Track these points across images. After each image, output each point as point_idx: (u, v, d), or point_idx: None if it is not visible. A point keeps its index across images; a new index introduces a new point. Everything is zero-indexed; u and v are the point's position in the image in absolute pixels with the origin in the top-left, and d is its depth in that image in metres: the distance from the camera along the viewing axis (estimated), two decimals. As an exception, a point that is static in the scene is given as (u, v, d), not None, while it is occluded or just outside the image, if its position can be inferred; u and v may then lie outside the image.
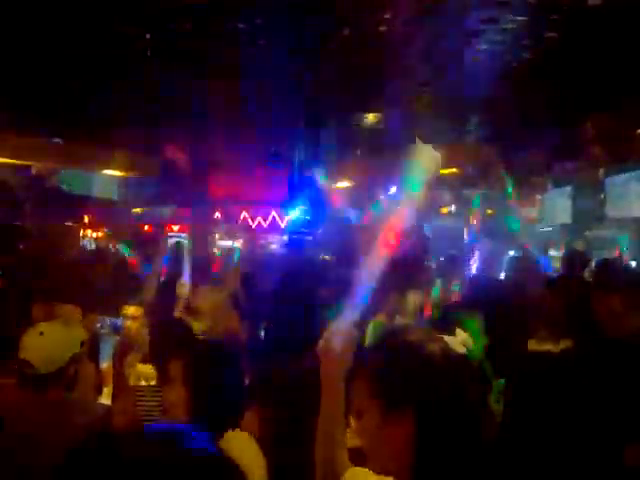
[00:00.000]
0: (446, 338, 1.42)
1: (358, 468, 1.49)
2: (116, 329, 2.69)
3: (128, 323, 3.92)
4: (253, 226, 15.08)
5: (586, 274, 5.05)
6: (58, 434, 2.13)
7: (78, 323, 2.85)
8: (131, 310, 3.97)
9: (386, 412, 1.29)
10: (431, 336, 1.37)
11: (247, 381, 2.20)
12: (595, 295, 2.47)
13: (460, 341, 1.56)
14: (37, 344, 2.36)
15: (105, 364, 3.48)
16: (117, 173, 9.01)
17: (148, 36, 5.67)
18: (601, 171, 8.28)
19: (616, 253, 7.29)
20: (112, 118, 7.76)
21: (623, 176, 7.93)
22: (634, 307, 2.35)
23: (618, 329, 2.34)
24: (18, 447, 2.15)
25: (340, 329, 1.50)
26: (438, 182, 8.65)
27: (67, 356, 2.38)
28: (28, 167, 9.41)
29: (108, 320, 2.70)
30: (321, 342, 1.48)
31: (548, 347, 2.29)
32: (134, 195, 11.17)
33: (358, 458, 1.49)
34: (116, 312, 4.05)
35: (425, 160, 1.56)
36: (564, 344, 2.32)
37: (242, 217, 14.96)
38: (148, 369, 3.74)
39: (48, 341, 2.37)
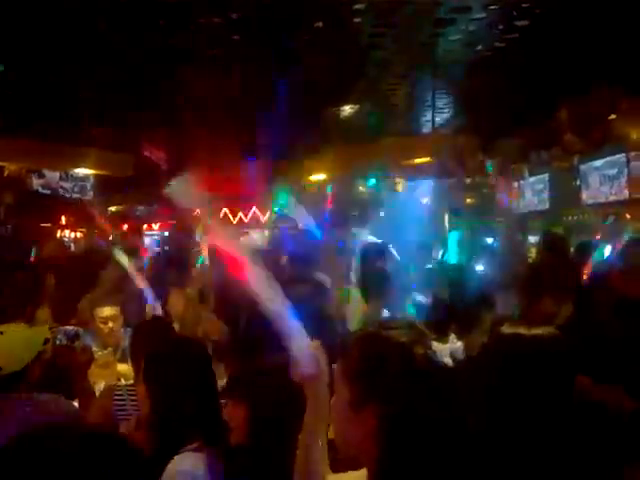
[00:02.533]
0: (435, 345, 1.38)
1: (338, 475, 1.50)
2: (71, 338, 2.65)
3: (101, 325, 3.88)
4: (234, 222, 15.04)
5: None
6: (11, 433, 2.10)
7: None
8: (106, 312, 3.93)
9: (353, 406, 1.31)
10: (416, 339, 1.37)
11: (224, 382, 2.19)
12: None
13: (450, 349, 1.48)
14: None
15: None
16: (90, 171, 8.89)
17: (119, 30, 5.59)
18: (576, 158, 8.38)
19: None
20: (85, 116, 7.66)
21: (597, 162, 8.03)
22: None
23: None
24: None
25: (318, 345, 1.49)
26: (415, 172, 8.69)
27: (30, 355, 2.35)
28: (1, 169, 9.26)
29: (63, 330, 2.66)
30: (305, 358, 1.47)
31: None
32: (110, 194, 11.05)
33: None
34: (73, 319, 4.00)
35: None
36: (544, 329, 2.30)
37: (222, 213, 14.90)
38: (126, 368, 3.73)
39: (9, 340, 2.34)
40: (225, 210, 14.81)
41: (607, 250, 6.91)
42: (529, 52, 6.08)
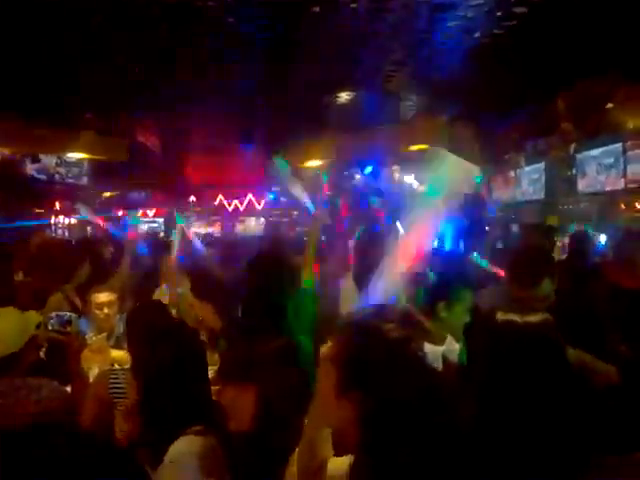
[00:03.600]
0: (428, 347, 1.36)
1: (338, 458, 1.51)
2: (63, 323, 2.63)
3: (96, 311, 3.87)
4: (229, 209, 15.01)
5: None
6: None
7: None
8: (102, 297, 3.92)
9: (338, 391, 1.33)
10: (406, 334, 1.36)
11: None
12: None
13: (444, 351, 1.43)
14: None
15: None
16: (83, 156, 8.83)
17: (112, 14, 5.52)
18: (572, 146, 8.37)
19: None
20: (78, 99, 7.58)
21: (594, 151, 8.03)
22: None
23: None
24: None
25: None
26: (412, 159, 8.68)
27: (22, 339, 2.34)
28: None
29: (55, 315, 2.64)
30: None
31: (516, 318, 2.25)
32: (105, 180, 10.97)
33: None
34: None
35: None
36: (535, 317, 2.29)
37: (218, 200, 14.87)
38: (120, 354, 3.72)
39: (1, 324, 2.33)
40: (220, 197, 14.78)
41: (602, 239, 6.95)
42: (526, 40, 6.05)
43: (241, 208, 14.93)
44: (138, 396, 1.87)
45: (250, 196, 14.76)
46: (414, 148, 6.82)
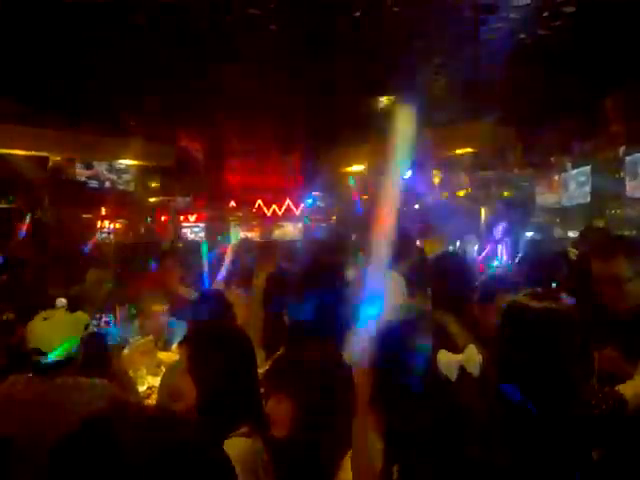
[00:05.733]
0: (445, 354, 1.33)
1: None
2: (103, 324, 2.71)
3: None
4: (268, 214, 15.12)
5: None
6: (62, 418, 2.15)
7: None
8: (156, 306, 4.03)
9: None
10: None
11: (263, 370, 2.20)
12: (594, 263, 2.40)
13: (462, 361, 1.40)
14: (44, 330, 2.38)
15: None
16: (132, 162, 9.06)
17: (160, 21, 5.65)
18: (621, 149, 8.11)
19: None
20: (127, 107, 7.78)
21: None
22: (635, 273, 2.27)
23: (620, 299, 2.29)
24: (26, 434, 2.16)
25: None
26: (454, 164, 8.57)
27: (75, 339, 2.40)
28: (45, 159, 9.50)
29: (103, 317, 2.71)
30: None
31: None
32: (150, 185, 11.22)
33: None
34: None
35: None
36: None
37: (257, 205, 15.00)
38: (167, 355, 3.80)
39: (55, 326, 2.39)
40: (259, 202, 14.91)
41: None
42: (574, 40, 5.91)
43: (279, 213, 15.01)
44: (196, 398, 1.89)
45: (288, 201, 14.84)
46: (459, 152, 6.73)
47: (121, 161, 9.13)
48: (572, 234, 8.43)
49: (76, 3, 5.14)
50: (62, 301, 2.73)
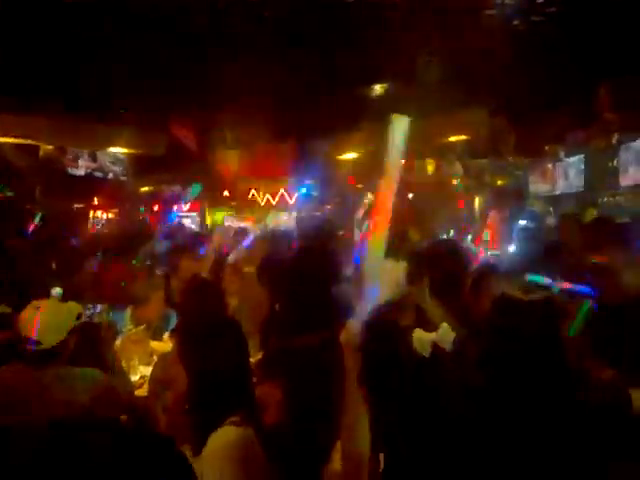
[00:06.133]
0: (418, 332, 1.37)
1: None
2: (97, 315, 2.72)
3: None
4: (262, 203, 15.07)
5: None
6: (47, 408, 2.14)
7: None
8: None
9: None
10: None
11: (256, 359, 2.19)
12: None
13: (435, 339, 1.40)
14: (35, 319, 2.37)
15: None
16: (123, 150, 8.99)
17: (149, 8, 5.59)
18: (615, 137, 8.11)
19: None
20: (118, 95, 7.70)
21: (638, 142, 7.76)
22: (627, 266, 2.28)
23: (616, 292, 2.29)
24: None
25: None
26: (447, 151, 8.55)
27: (66, 329, 2.39)
28: (36, 149, 9.42)
29: (93, 308, 2.72)
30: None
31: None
32: (142, 174, 11.15)
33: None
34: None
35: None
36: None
37: (250, 195, 14.95)
38: (159, 345, 3.79)
39: (46, 315, 2.38)
40: (253, 191, 14.86)
41: None
42: (568, 27, 5.88)
43: (273, 202, 14.97)
44: (187, 387, 1.89)
45: (282, 190, 14.79)
46: (453, 139, 6.72)
47: (112, 149, 9.05)
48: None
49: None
50: (57, 291, 2.72)
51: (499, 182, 10.67)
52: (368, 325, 1.41)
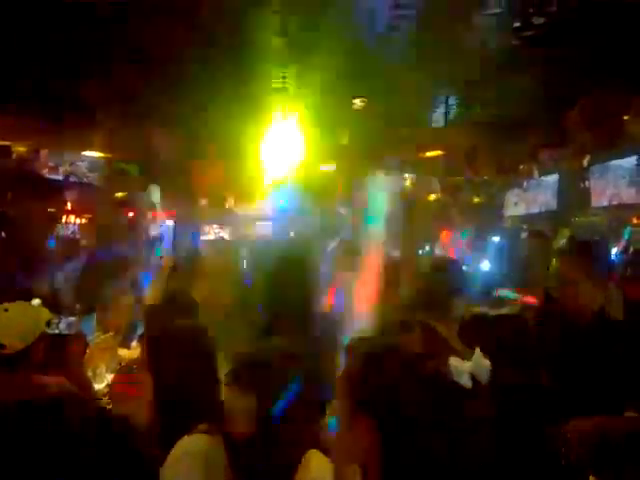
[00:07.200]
0: (455, 361, 1.29)
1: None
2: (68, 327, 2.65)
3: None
4: (239, 212, 15.00)
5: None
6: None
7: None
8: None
9: (354, 418, 1.29)
10: (424, 357, 1.33)
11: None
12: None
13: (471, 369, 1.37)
14: (3, 321, 2.30)
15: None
16: (99, 154, 8.88)
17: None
18: (587, 158, 8.30)
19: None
20: (94, 98, 7.61)
21: (610, 163, 7.94)
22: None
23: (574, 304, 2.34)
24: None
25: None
26: (423, 168, 8.64)
27: (34, 334, 2.32)
28: (9, 151, 9.23)
29: (63, 319, 2.66)
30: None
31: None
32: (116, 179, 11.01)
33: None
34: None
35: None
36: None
37: (229, 203, 14.89)
38: (127, 352, 3.71)
39: (14, 318, 2.31)
40: (231, 200, 14.81)
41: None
42: (542, 49, 6.01)
43: (251, 211, 14.92)
44: (152, 394, 1.86)
45: (260, 200, 14.76)
46: (430, 155, 6.79)
47: (86, 153, 8.94)
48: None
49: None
50: (37, 302, 2.64)
51: (475, 200, 10.82)
52: (367, 355, 1.35)
